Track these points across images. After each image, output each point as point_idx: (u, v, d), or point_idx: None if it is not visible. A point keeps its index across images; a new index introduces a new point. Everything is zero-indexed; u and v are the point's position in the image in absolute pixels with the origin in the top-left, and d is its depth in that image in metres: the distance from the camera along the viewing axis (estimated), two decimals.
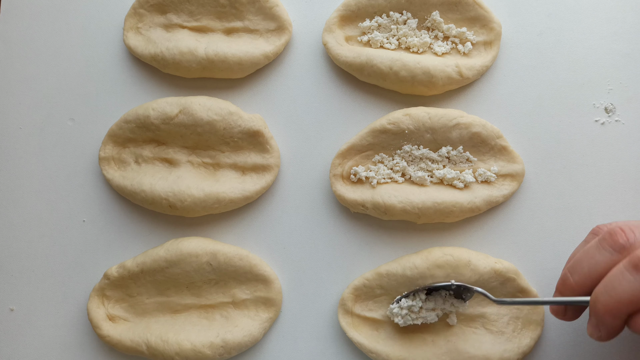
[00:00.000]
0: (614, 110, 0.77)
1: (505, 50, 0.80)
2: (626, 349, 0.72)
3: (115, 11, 0.83)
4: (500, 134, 0.75)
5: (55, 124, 0.81)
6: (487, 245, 0.75)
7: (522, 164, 0.75)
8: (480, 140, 0.75)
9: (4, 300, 0.77)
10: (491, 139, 0.75)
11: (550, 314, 0.72)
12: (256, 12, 0.80)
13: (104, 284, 0.74)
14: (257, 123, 0.76)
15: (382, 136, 0.75)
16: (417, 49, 0.78)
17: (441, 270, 0.70)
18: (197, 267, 0.73)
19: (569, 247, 0.75)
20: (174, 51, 0.78)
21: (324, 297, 0.75)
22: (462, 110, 0.75)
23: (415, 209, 0.72)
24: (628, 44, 0.79)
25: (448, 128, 0.74)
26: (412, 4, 0.79)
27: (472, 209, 0.73)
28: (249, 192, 0.75)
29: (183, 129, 0.76)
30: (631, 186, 0.75)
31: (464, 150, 0.75)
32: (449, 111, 0.75)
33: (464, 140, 0.75)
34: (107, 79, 0.82)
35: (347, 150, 0.76)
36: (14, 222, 0.79)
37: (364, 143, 0.76)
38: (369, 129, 0.75)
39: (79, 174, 0.80)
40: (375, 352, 0.70)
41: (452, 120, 0.74)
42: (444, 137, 0.74)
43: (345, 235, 0.77)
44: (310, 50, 0.82)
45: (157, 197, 0.74)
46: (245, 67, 0.78)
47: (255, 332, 0.72)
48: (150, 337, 0.71)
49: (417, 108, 0.75)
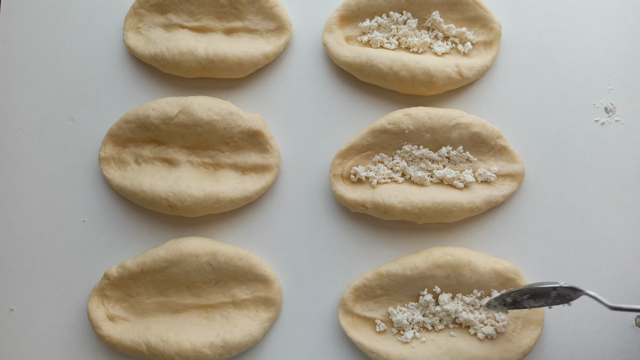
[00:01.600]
0: (614, 110, 0.77)
1: (505, 50, 0.80)
2: (626, 349, 0.72)
3: (115, 11, 0.83)
4: (500, 133, 0.75)
5: (55, 124, 0.81)
6: (487, 245, 0.75)
7: (522, 164, 0.75)
8: (480, 140, 0.75)
9: (4, 300, 0.77)
10: (491, 139, 0.75)
11: (550, 314, 0.72)
12: (256, 12, 0.80)
13: (104, 284, 0.74)
14: (257, 123, 0.76)
15: (382, 136, 0.75)
16: (417, 49, 0.78)
17: (441, 270, 0.70)
18: (197, 267, 0.73)
19: (569, 247, 0.75)
20: (174, 51, 0.78)
21: (324, 297, 0.75)
22: (462, 110, 0.75)
23: (415, 209, 0.72)
24: (628, 44, 0.79)
25: (448, 128, 0.74)
26: (412, 4, 0.79)
27: (472, 209, 0.73)
28: (249, 192, 0.75)
29: (183, 129, 0.76)
30: (631, 186, 0.75)
31: (464, 150, 0.75)
32: (449, 111, 0.75)
33: (464, 140, 0.75)
34: (107, 79, 0.82)
35: (347, 150, 0.76)
36: (14, 222, 0.79)
37: (364, 143, 0.75)
38: (369, 129, 0.75)
39: (79, 174, 0.80)
40: (375, 352, 0.70)
41: (452, 120, 0.74)
42: (444, 137, 0.74)
43: (345, 235, 0.77)
44: (310, 50, 0.82)
45: (157, 197, 0.74)
46: (245, 67, 0.78)
47: (255, 332, 0.72)
48: (150, 337, 0.71)
49: (417, 108, 0.75)
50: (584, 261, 0.74)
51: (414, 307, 0.72)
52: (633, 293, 0.73)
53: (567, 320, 0.73)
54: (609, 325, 0.72)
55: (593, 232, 0.75)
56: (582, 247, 0.75)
